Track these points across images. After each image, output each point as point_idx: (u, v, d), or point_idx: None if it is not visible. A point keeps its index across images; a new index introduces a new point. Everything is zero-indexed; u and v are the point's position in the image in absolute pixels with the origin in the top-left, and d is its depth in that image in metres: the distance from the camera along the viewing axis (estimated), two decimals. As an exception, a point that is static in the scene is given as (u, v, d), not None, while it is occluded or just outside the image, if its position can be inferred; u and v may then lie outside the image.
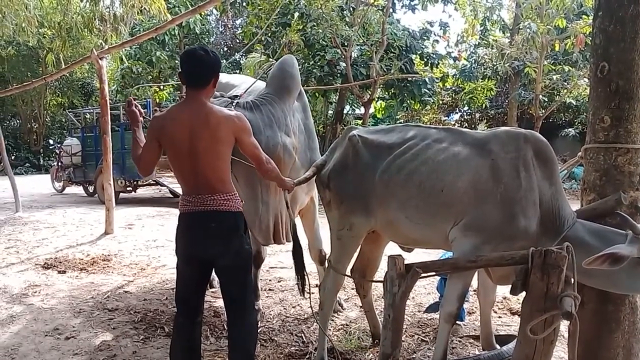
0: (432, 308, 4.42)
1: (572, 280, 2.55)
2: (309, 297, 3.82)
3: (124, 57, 15.67)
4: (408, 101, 17.17)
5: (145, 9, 11.60)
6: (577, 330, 2.51)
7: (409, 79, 15.55)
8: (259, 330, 3.75)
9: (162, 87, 18.91)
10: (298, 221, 4.46)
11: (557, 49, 12.19)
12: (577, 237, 2.88)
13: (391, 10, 15.28)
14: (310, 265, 5.21)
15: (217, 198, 2.93)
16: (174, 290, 3.26)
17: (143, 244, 7.76)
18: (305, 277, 3.81)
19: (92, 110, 15.34)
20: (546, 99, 15.27)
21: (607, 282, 2.80)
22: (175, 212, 3.08)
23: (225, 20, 24.59)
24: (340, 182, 3.50)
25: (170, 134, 2.90)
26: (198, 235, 2.97)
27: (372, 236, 3.69)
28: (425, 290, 5.31)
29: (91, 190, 14.03)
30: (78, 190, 15.11)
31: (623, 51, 2.93)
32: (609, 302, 2.98)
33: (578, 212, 3.08)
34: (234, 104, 3.91)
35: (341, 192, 3.50)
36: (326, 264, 3.88)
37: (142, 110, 3.26)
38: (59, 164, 14.84)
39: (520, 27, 12.75)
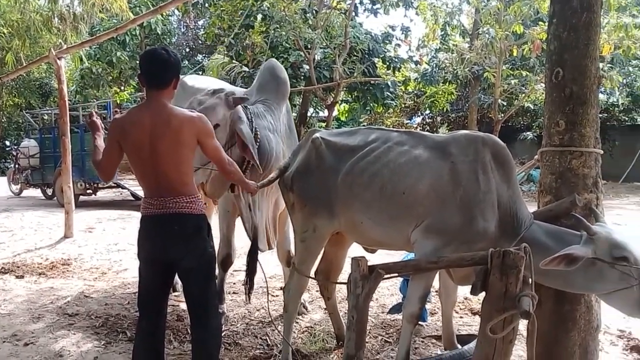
0: (396, 309, 4.45)
1: (530, 280, 2.62)
2: (267, 301, 3.83)
3: (83, 57, 15.37)
4: (371, 104, 17.31)
5: (106, 7, 11.41)
6: (535, 329, 2.59)
7: (372, 82, 15.68)
8: (223, 334, 3.74)
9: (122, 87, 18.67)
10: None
11: (515, 54, 12.47)
12: (534, 238, 2.96)
13: (353, 13, 15.37)
14: (276, 268, 5.24)
15: (180, 201, 2.91)
16: (137, 294, 3.22)
17: (104, 248, 7.62)
18: (255, 281, 3.83)
19: (50, 111, 15.03)
20: (505, 103, 15.58)
21: (563, 282, 2.89)
22: (137, 215, 3.06)
23: (188, 21, 24.33)
24: (304, 185, 3.52)
25: (131, 136, 2.87)
26: (160, 238, 2.95)
27: (335, 238, 3.72)
28: (388, 291, 5.37)
29: (50, 193, 13.72)
30: (36, 193, 14.74)
31: (576, 57, 3.04)
32: (565, 302, 3.08)
33: (535, 213, 3.17)
34: (247, 107, 3.90)
35: (304, 194, 3.51)
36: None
37: (101, 124, 3.23)
38: (16, 166, 14.47)
39: (480, 33, 12.99)
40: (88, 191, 12.86)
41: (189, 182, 2.97)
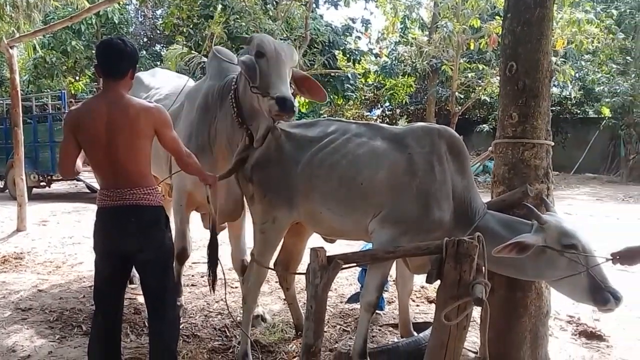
0: (354, 299, 4.51)
1: (483, 268, 2.69)
2: (225, 293, 3.79)
3: (37, 46, 14.92)
4: (331, 96, 17.31)
5: (60, -5, 11.10)
6: (488, 315, 2.66)
7: (332, 74, 15.70)
8: (181, 326, 3.72)
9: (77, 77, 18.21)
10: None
11: (472, 47, 12.67)
12: (488, 227, 3.04)
13: (314, 5, 15.35)
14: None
15: (137, 192, 2.87)
16: (92, 287, 3.17)
17: (58, 241, 7.47)
18: (217, 272, 3.76)
19: (2, 102, 14.60)
20: (462, 96, 15.82)
21: (515, 270, 2.99)
22: (92, 208, 3.00)
23: (145, 11, 23.87)
24: (263, 176, 3.51)
25: (87, 127, 2.82)
26: (118, 231, 2.91)
27: (294, 229, 3.73)
28: (347, 281, 5.42)
29: (1, 186, 13.38)
30: (-13, 185, 14.34)
31: (530, 52, 3.13)
32: (517, 289, 3.18)
33: (489, 203, 3.25)
34: None
35: (264, 185, 3.51)
36: (249, 257, 3.88)
37: None
38: (-34, 157, 14.01)
39: (438, 26, 13.13)
40: (42, 183, 12.61)
41: (146, 173, 2.94)
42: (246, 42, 3.67)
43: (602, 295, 2.78)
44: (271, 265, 3.80)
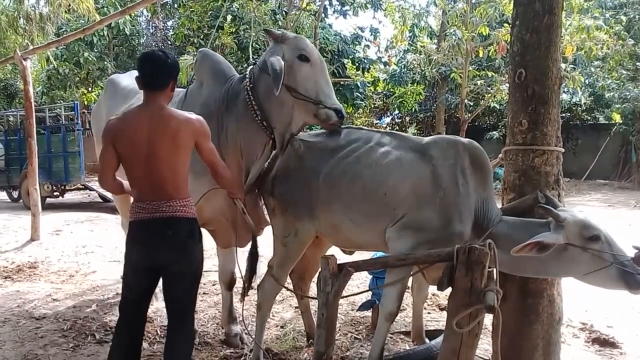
0: (365, 306, 4.50)
1: (495, 275, 2.69)
2: (242, 303, 3.80)
3: (51, 58, 15.09)
4: (341, 104, 17.41)
5: (73, 8, 11.23)
6: (500, 323, 2.65)
7: (342, 82, 15.77)
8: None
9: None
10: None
11: (481, 55, 12.66)
12: (502, 233, 3.05)
13: (323, 15, 15.43)
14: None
15: (174, 204, 2.86)
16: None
17: (72, 250, 7.52)
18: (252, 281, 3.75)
19: (16, 113, 14.78)
20: (471, 103, 15.81)
21: (539, 271, 2.99)
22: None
23: (156, 22, 24.05)
24: (285, 188, 3.49)
25: (128, 137, 2.84)
26: (154, 243, 2.88)
27: (315, 240, 3.70)
28: (358, 289, 5.41)
29: (15, 196, 13.49)
30: (1, 195, 14.45)
31: (538, 59, 3.14)
32: (528, 296, 3.17)
33: (501, 210, 3.25)
34: None
35: (286, 198, 3.48)
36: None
37: None
38: (-20, 168, 14.15)
39: (447, 34, 13.14)
40: (55, 193, 12.67)
41: (183, 186, 2.93)
42: (278, 39, 3.44)
43: (635, 279, 2.77)
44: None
